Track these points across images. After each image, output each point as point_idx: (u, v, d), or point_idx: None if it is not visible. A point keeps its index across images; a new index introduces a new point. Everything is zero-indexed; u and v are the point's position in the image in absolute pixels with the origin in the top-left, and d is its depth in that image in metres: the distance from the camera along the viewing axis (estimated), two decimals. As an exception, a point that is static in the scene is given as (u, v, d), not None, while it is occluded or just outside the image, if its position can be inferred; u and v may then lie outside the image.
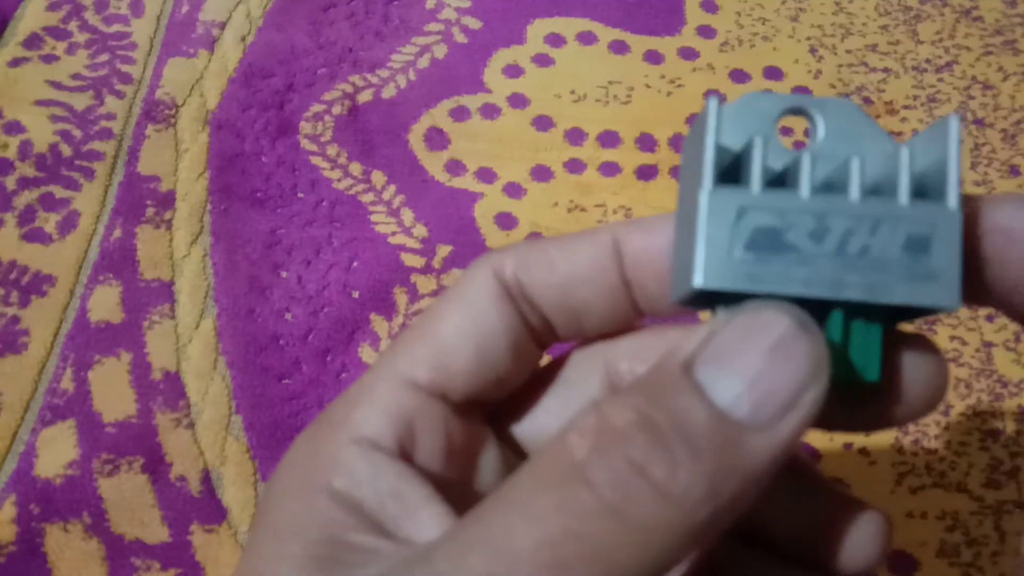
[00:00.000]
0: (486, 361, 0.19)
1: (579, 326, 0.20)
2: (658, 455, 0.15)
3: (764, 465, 0.15)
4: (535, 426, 0.21)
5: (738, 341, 0.15)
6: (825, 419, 0.16)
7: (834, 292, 0.15)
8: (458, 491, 0.19)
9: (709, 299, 0.16)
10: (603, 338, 0.21)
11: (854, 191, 0.16)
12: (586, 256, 0.19)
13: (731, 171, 0.17)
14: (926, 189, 0.16)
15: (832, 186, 0.17)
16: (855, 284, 0.15)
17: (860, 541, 0.18)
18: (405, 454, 0.18)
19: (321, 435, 0.19)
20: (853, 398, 0.17)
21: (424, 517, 0.17)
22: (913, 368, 0.17)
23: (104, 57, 0.49)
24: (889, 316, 0.16)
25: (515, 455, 0.21)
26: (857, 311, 0.16)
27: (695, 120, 0.18)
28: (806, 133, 0.40)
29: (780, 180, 0.17)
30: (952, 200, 0.16)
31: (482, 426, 0.20)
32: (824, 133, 0.17)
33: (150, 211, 0.44)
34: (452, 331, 0.19)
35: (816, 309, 0.16)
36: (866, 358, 0.16)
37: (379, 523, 0.17)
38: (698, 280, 0.16)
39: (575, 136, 0.47)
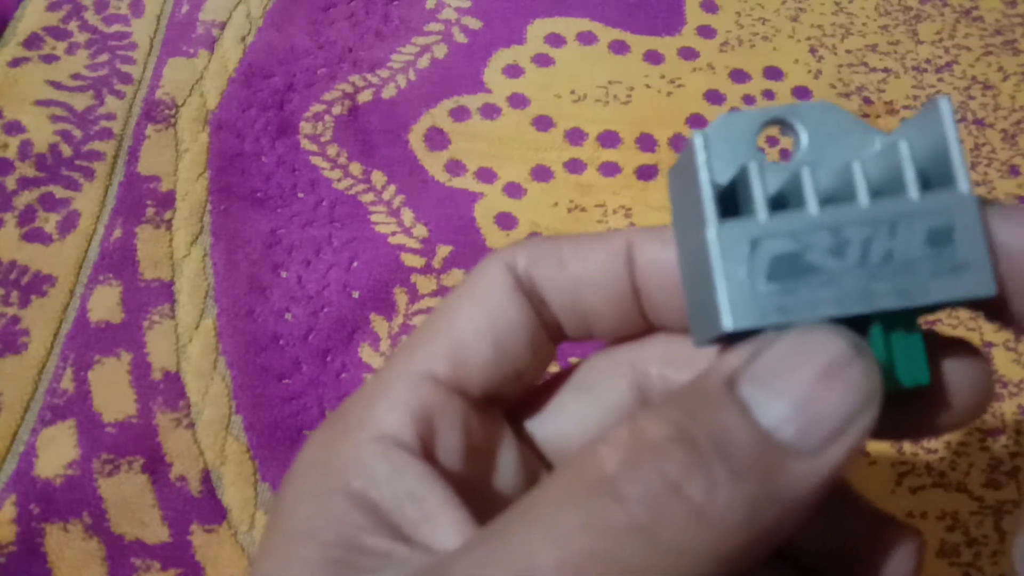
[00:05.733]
0: (503, 354, 0.19)
1: (587, 328, 0.19)
2: (695, 473, 0.14)
3: (807, 493, 0.14)
4: (556, 428, 0.20)
5: (787, 361, 0.14)
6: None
7: (867, 305, 0.15)
8: (476, 490, 0.18)
9: (737, 338, 0.15)
10: (629, 340, 0.20)
11: (862, 196, 0.15)
12: (598, 259, 0.19)
13: (726, 201, 0.16)
14: (930, 178, 0.16)
15: (836, 195, 0.16)
16: (887, 292, 0.15)
17: (895, 562, 0.17)
18: (426, 451, 0.18)
19: (338, 434, 0.18)
20: (897, 406, 0.16)
21: (442, 522, 0.17)
22: (956, 372, 0.16)
23: (104, 57, 0.49)
24: (923, 312, 0.16)
25: (536, 457, 0.20)
26: (892, 317, 0.15)
27: (678, 160, 0.17)
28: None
29: (780, 199, 0.16)
30: (963, 184, 0.15)
31: (501, 424, 0.20)
32: (808, 140, 0.17)
33: (150, 211, 0.44)
34: (468, 324, 0.19)
35: (850, 326, 0.15)
36: (912, 366, 0.16)
37: (396, 526, 0.17)
38: (727, 323, 0.15)
39: (575, 136, 0.47)
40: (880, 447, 0.37)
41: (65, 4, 0.51)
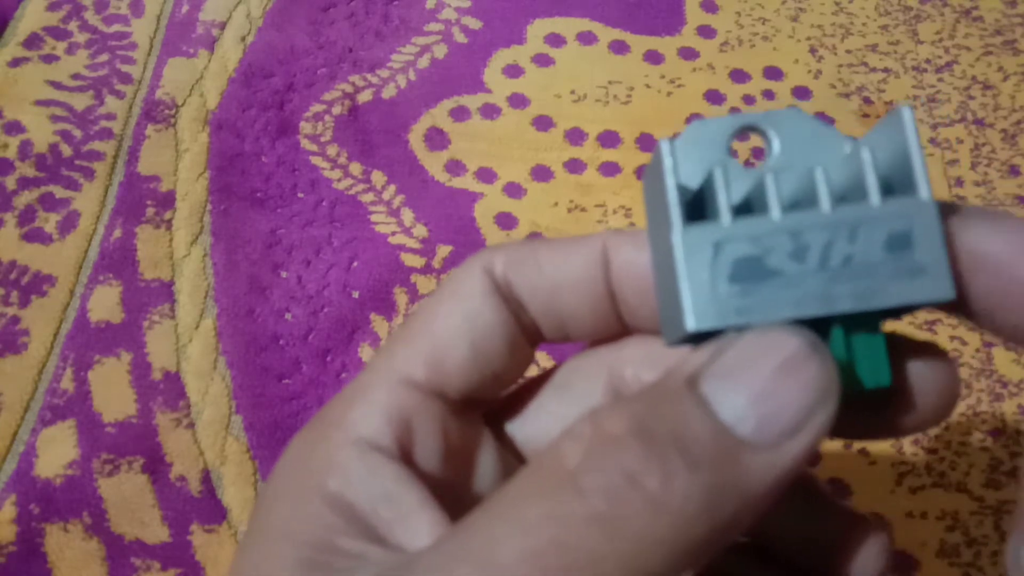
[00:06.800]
0: (482, 357, 0.19)
1: (565, 330, 0.20)
2: (653, 465, 0.14)
3: (766, 486, 0.14)
4: (536, 430, 0.21)
5: (746, 358, 0.15)
6: (835, 427, 0.15)
7: (826, 307, 0.15)
8: (455, 492, 0.19)
9: (703, 338, 0.16)
10: (606, 342, 0.20)
11: (824, 202, 0.16)
12: (575, 263, 0.19)
13: (697, 206, 0.17)
14: (893, 185, 0.16)
15: (801, 201, 0.16)
16: (845, 295, 0.15)
17: (864, 558, 0.18)
18: (404, 454, 0.18)
19: (317, 436, 0.18)
20: (863, 407, 0.17)
21: (417, 523, 0.17)
22: (921, 375, 0.17)
23: (104, 57, 0.49)
24: (886, 316, 0.16)
25: (515, 459, 0.21)
26: (854, 320, 0.16)
27: (648, 165, 0.17)
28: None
29: (748, 205, 0.17)
30: (923, 191, 0.15)
31: (480, 427, 0.20)
32: (779, 146, 0.17)
33: (150, 211, 0.44)
34: (446, 328, 0.19)
35: (813, 328, 0.15)
36: (873, 367, 0.16)
37: (371, 527, 0.17)
38: (690, 324, 0.15)
39: (575, 136, 0.47)
40: (880, 447, 0.37)
41: (65, 4, 0.51)
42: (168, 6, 0.51)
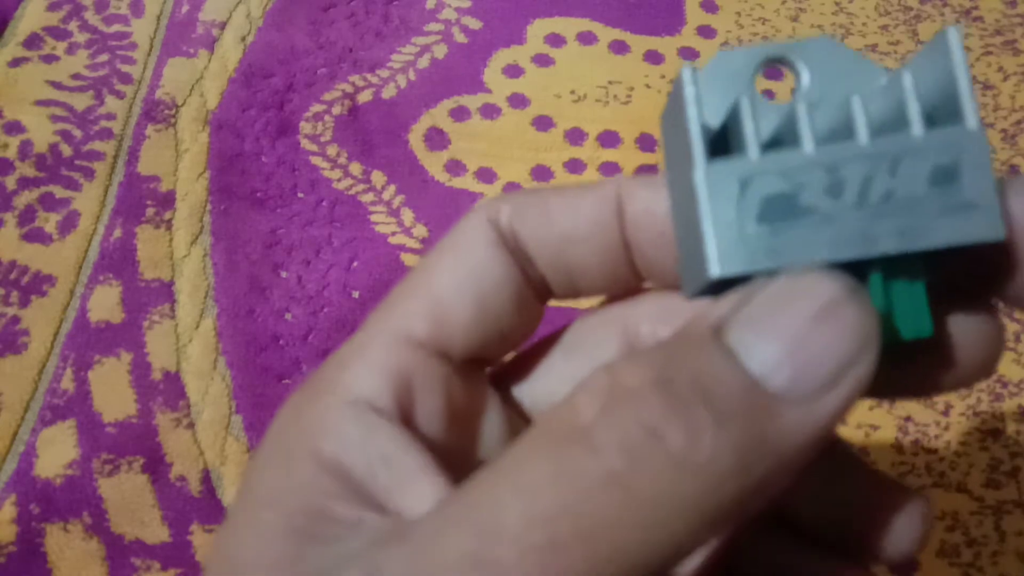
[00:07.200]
0: (487, 313, 0.18)
1: (575, 285, 0.18)
2: (677, 419, 0.13)
3: (801, 444, 0.13)
4: (545, 392, 0.19)
5: (778, 305, 0.13)
6: (871, 384, 0.14)
7: (865, 249, 0.14)
8: (458, 458, 0.18)
9: (728, 287, 0.14)
10: (620, 299, 0.19)
11: (861, 132, 0.14)
12: (586, 211, 0.18)
13: (719, 144, 0.15)
14: (936, 115, 0.15)
15: (835, 134, 0.15)
16: (887, 235, 0.14)
17: (903, 526, 0.17)
18: (404, 416, 0.17)
19: (310, 398, 0.17)
20: (900, 361, 0.15)
21: (417, 488, 0.16)
22: (963, 327, 0.15)
23: (104, 57, 0.49)
24: (928, 263, 0.15)
25: (523, 423, 0.19)
26: (894, 266, 0.14)
27: (668, 99, 0.16)
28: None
29: (777, 142, 0.15)
30: (971, 119, 0.14)
31: (485, 388, 0.19)
32: (809, 78, 0.16)
33: (150, 211, 0.44)
34: (449, 282, 0.18)
35: (849, 273, 0.14)
36: (914, 317, 0.14)
37: (368, 493, 0.16)
38: (714, 270, 0.14)
39: (575, 136, 0.47)
40: (880, 447, 0.37)
41: (65, 4, 0.51)
42: (168, 6, 0.51)
